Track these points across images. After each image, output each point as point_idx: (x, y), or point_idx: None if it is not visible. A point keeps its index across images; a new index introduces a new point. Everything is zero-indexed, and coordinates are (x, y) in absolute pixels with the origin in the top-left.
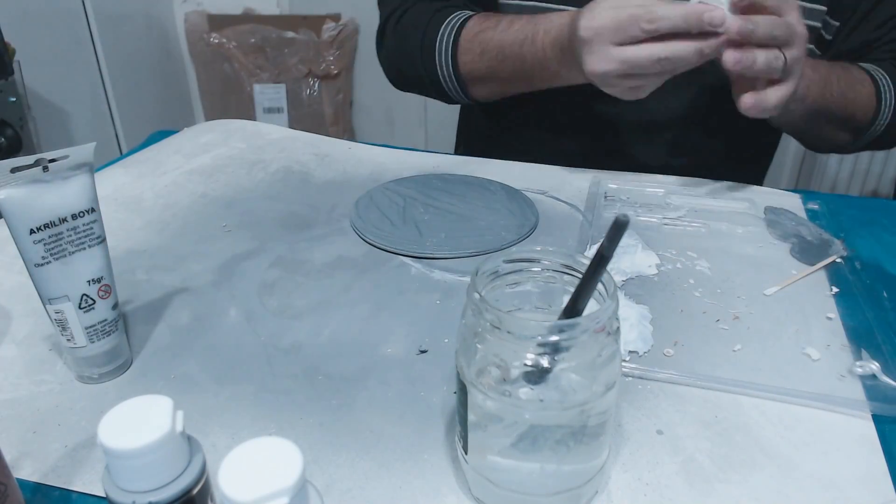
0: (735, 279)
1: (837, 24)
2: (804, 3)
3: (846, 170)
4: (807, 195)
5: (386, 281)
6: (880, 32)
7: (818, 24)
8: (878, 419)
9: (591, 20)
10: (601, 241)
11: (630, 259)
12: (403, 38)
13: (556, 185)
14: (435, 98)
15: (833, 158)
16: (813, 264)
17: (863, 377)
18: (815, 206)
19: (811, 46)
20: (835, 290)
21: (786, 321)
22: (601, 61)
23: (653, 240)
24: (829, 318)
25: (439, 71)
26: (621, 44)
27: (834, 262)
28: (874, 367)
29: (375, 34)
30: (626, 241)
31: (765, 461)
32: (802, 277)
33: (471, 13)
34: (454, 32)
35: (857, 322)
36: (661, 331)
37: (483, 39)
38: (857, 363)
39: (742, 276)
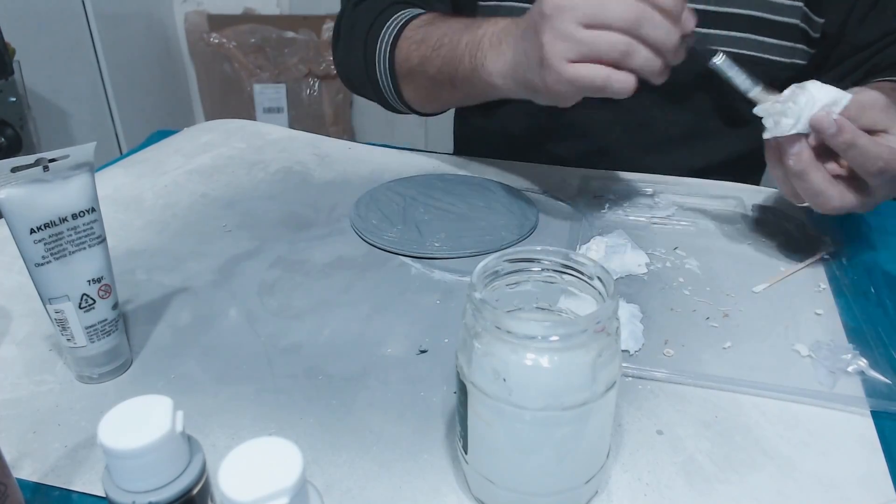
0: (724, 277)
1: (822, 20)
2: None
3: None
4: None
5: (386, 281)
6: None
7: (796, 21)
8: (877, 418)
9: None
10: (591, 241)
11: (619, 258)
12: (353, 25)
13: (556, 185)
14: (377, 102)
15: None
16: (801, 261)
17: (853, 373)
18: (804, 204)
19: (801, 46)
20: (822, 286)
21: (775, 318)
22: (555, 39)
23: (642, 239)
24: (818, 314)
25: (377, 60)
26: (588, 26)
27: (821, 258)
28: (863, 363)
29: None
30: (616, 240)
31: (765, 461)
32: (790, 274)
33: (421, 11)
34: (404, 19)
35: (845, 318)
36: (652, 329)
37: (428, 29)
38: (847, 359)
39: (731, 274)
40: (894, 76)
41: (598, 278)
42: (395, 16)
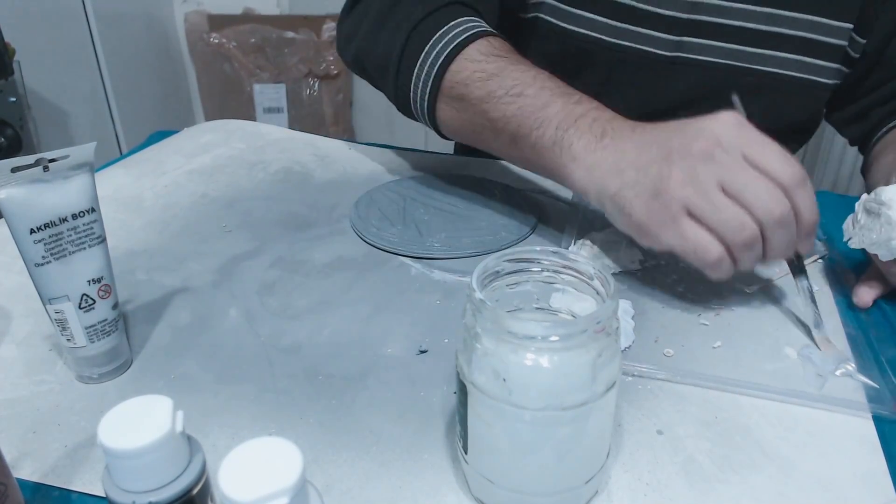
0: None
1: (864, 41)
2: (828, 21)
3: (846, 170)
4: None
5: (386, 281)
6: None
7: (844, 43)
8: (877, 420)
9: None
10: (586, 237)
11: (614, 255)
12: (394, 5)
13: (556, 185)
14: (391, 99)
15: (833, 158)
16: None
17: (840, 376)
18: None
19: (837, 66)
20: (817, 288)
21: (766, 319)
22: (689, 186)
23: None
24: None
25: (421, 64)
26: (727, 191)
27: (816, 261)
28: (851, 366)
29: None
30: (611, 237)
31: (765, 461)
32: (785, 276)
33: (487, 30)
34: (471, 33)
35: (836, 321)
36: (643, 326)
37: (505, 65)
38: (835, 362)
39: None
40: None
41: (598, 278)
42: (458, 21)
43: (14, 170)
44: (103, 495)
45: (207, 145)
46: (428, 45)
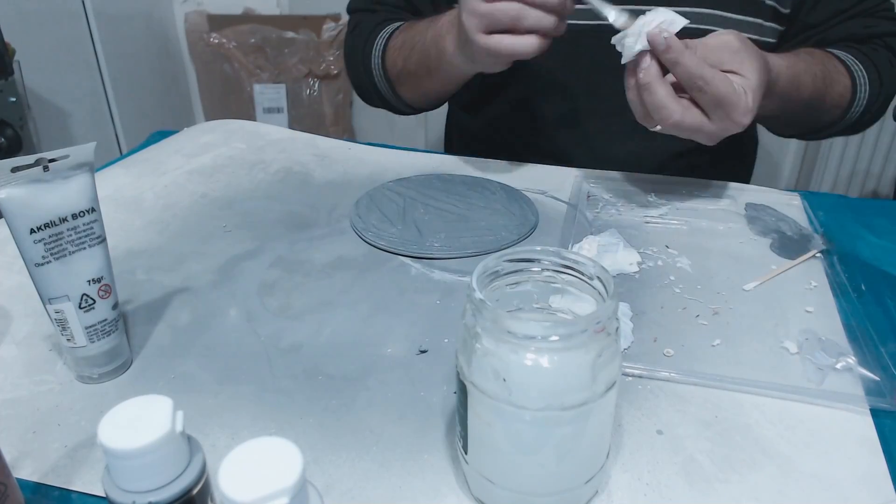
0: (715, 275)
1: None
2: None
3: (846, 170)
4: (790, 192)
5: (386, 281)
6: (849, 2)
7: (773, 2)
8: (877, 418)
9: None
10: (584, 240)
11: (612, 257)
12: (353, 49)
13: (556, 185)
14: (387, 109)
15: (833, 158)
16: (793, 259)
17: (841, 369)
18: (796, 203)
19: (771, 24)
20: (814, 284)
21: (764, 315)
22: (468, 16)
23: (635, 238)
24: (808, 312)
25: (374, 74)
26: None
27: (814, 256)
28: (851, 360)
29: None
30: (608, 239)
31: (765, 461)
32: (781, 272)
33: (396, 25)
34: (388, 35)
35: (836, 315)
36: (641, 327)
37: (404, 35)
38: (836, 356)
39: (722, 272)
40: (832, 48)
41: (598, 278)
42: (380, 35)
43: (14, 170)
44: (103, 495)
45: (207, 145)
46: (372, 62)
